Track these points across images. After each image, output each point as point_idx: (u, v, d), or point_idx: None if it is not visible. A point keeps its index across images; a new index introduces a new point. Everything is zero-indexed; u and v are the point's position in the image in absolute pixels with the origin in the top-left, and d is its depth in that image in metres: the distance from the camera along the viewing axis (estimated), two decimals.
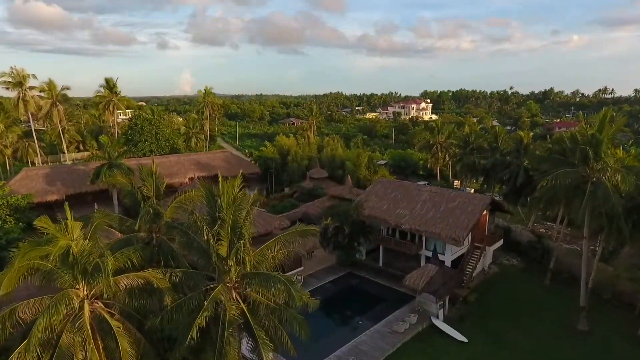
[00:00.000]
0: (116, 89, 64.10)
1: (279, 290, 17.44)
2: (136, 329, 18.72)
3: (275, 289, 16.82)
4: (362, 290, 36.69)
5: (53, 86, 63.01)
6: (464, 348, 28.34)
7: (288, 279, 16.62)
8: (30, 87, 59.68)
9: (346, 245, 38.40)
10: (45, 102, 61.93)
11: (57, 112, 63.71)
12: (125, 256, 18.93)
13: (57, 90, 63.54)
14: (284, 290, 16.92)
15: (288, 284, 16.30)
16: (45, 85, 62.49)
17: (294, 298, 15.96)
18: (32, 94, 60.96)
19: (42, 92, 62.92)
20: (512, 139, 50.62)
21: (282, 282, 16.50)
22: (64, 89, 64.79)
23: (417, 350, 27.99)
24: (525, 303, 34.61)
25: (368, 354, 26.75)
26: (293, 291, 16.06)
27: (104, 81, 64.47)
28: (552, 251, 41.00)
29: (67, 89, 64.91)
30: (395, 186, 41.70)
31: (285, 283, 16.37)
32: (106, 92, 63.76)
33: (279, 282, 16.57)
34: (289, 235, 19.21)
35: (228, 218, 17.23)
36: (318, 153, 69.51)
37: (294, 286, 16.34)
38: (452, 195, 37.89)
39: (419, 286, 31.43)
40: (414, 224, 36.01)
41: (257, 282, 17.20)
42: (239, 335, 18.39)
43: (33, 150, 69.34)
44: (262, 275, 17.37)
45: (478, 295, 34.97)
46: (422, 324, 30.52)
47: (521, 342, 29.11)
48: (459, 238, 33.25)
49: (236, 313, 17.39)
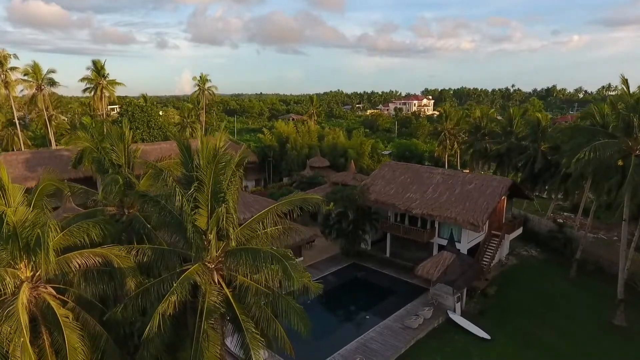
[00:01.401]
0: (104, 71, 60.28)
1: (272, 270, 13.84)
2: (97, 322, 15.14)
3: (267, 268, 13.17)
4: (368, 282, 33.01)
5: (38, 69, 59.09)
6: (487, 347, 24.67)
7: (283, 254, 12.95)
8: (11, 69, 55.89)
9: (350, 232, 34.73)
10: (28, 85, 58.15)
11: (42, 97, 59.90)
12: (82, 230, 15.28)
13: (42, 73, 59.75)
14: (278, 270, 13.28)
15: (284, 260, 12.62)
16: (30, 68, 58.68)
17: (291, 278, 12.30)
18: (15, 77, 57.20)
19: (26, 75, 59.12)
20: (528, 122, 46.92)
21: (275, 258, 12.84)
22: (49, 72, 60.99)
23: (433, 349, 24.32)
24: (551, 297, 30.94)
25: (378, 352, 23.09)
26: (290, 269, 12.38)
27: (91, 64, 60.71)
28: (575, 241, 37.43)
29: (53, 72, 61.05)
30: (404, 169, 38.03)
31: (281, 259, 12.71)
32: (94, 75, 59.93)
33: (272, 258, 12.91)
34: (285, 204, 15.56)
35: (208, 179, 13.59)
36: (319, 142, 65.84)
37: (291, 262, 12.66)
38: (468, 178, 34.23)
39: (433, 276, 27.76)
40: (426, 209, 32.34)
41: (244, 259, 13.54)
42: (221, 327, 14.75)
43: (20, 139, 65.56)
44: (250, 250, 13.71)
45: (498, 288, 31.30)
46: (437, 319, 26.85)
47: (553, 341, 25.41)
48: (477, 223, 29.58)
49: (217, 299, 13.75)
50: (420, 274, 28.43)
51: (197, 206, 13.76)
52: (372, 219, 35.74)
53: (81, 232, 15.19)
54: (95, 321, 15.04)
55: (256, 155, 62.09)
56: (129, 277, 14.08)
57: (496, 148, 46.87)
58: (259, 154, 62.68)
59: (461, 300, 28.55)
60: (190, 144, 14.30)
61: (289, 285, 12.75)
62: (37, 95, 60.30)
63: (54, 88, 63.31)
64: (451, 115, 59.60)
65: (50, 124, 67.14)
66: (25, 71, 58.99)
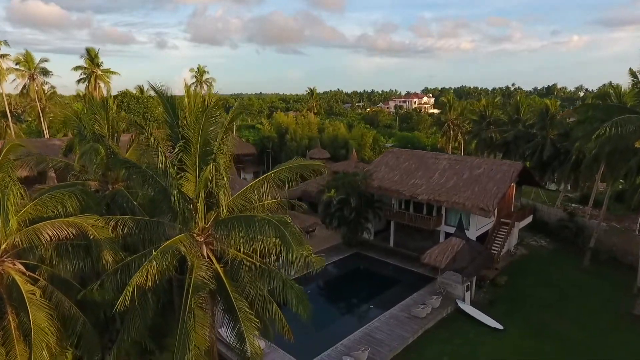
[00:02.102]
0: (98, 59, 58.54)
1: (269, 242, 12.24)
2: (74, 303, 13.53)
3: (263, 238, 11.53)
4: (371, 272, 31.41)
5: (30, 57, 57.42)
6: (500, 337, 23.04)
7: (282, 221, 11.30)
8: (2, 56, 54.17)
9: (352, 221, 33.06)
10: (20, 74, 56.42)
11: (34, 87, 58.20)
12: (56, 201, 13.68)
13: (34, 62, 58.06)
14: (275, 240, 11.64)
15: (282, 227, 10.97)
16: (21, 56, 56.98)
17: (290, 247, 10.62)
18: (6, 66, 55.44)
19: (18, 64, 57.41)
20: (536, 110, 45.28)
21: (272, 226, 11.17)
22: (42, 61, 59.30)
23: (442, 340, 22.68)
24: (564, 287, 29.30)
25: (384, 342, 21.45)
26: (290, 238, 10.72)
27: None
28: (587, 230, 35.83)
29: (46, 61, 59.34)
30: (409, 155, 36.40)
31: (278, 226, 11.04)
32: (87, 63, 58.21)
33: (269, 226, 11.24)
34: (283, 171, 13.92)
35: (195, 138, 11.95)
36: (319, 134, 64.22)
37: (290, 230, 11.00)
38: (477, 162, 32.59)
39: (441, 263, 26.12)
40: (433, 195, 30.69)
41: (237, 228, 11.88)
42: (212, 308, 13.11)
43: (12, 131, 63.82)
44: (243, 218, 12.05)
45: (508, 278, 29.69)
46: (446, 309, 25.22)
47: (569, 331, 23.77)
48: (488, 208, 27.94)
49: (206, 275, 12.11)
50: (427, 261, 26.79)
51: (183, 169, 12.13)
52: (375, 206, 34.10)
53: (54, 202, 13.61)
54: (70, 302, 13.44)
55: (254, 147, 60.51)
56: (106, 250, 12.41)
57: (503, 136, 45.23)
58: (257, 145, 61.06)
59: (470, 289, 26.92)
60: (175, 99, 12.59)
61: (288, 255, 11.08)
62: (30, 85, 58.63)
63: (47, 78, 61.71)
64: (455, 105, 57.95)
65: (43, 115, 65.41)
66: (17, 59, 57.31)
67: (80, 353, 13.92)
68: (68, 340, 13.64)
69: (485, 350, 21.88)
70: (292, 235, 10.81)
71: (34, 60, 58.77)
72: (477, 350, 21.87)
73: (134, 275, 10.51)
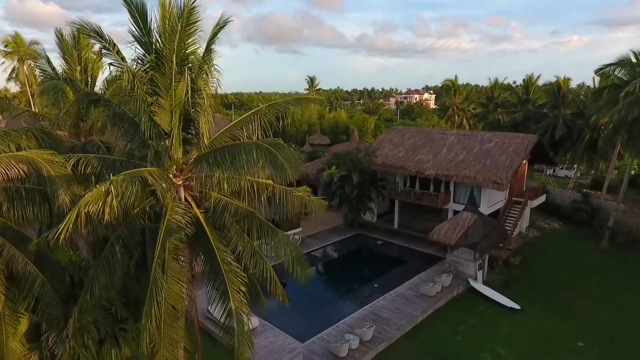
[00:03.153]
0: None
1: (260, 180, 10.18)
2: (31, 260, 11.48)
3: (252, 172, 9.45)
4: (375, 252, 29.38)
5: (20, 39, 55.23)
6: (517, 318, 20.98)
7: (272, 143, 9.22)
8: None
9: (355, 199, 30.98)
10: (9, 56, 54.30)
11: (23, 70, 56.07)
12: (10, 139, 11.58)
13: (24, 44, 55.87)
14: (266, 175, 9.56)
15: (273, 149, 8.87)
16: (10, 38, 54.84)
17: (284, 169, 8.51)
18: None
19: (7, 46, 55.28)
20: (547, 89, 43.15)
21: (262, 151, 9.08)
22: (33, 44, 57.10)
23: (455, 320, 20.61)
24: (584, 268, 27.26)
25: (391, 321, 19.37)
26: (283, 162, 8.62)
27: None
28: (603, 211, 33.78)
29: (36, 43, 57.15)
30: (414, 132, 34.32)
31: (269, 149, 8.95)
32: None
33: (258, 151, 9.15)
34: (276, 106, 11.83)
35: (170, 52, 9.86)
36: (319, 120, 62.25)
37: (283, 151, 8.90)
38: (487, 136, 30.50)
39: (451, 239, 24.06)
40: (441, 169, 28.61)
41: (220, 162, 9.80)
42: (189, 262, 11.03)
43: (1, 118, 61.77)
44: (227, 149, 9.94)
45: (522, 259, 27.63)
46: (457, 288, 23.16)
47: (592, 311, 21.75)
48: (501, 181, 25.87)
49: (182, 219, 10.03)
50: (436, 238, 24.73)
51: (156, 93, 10.05)
52: (378, 185, 32.02)
53: (6, 141, 11.50)
54: (26, 259, 11.38)
55: None
56: (63, 189, 10.30)
57: (512, 117, 43.12)
58: None
59: (483, 268, 24.85)
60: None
61: (281, 175, 8.98)
62: (19, 68, 56.49)
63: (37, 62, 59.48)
64: (460, 89, 55.82)
65: (34, 101, 63.24)
66: (5, 41, 55.17)
67: (37, 318, 11.86)
68: (23, 302, 11.58)
69: (502, 331, 19.82)
70: (286, 160, 8.72)
71: (25, 42, 56.56)
72: (493, 330, 19.81)
73: (84, 198, 8.39)
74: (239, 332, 9.66)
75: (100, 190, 8.41)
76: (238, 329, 9.69)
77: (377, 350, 17.51)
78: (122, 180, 8.83)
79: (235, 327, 9.76)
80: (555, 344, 18.98)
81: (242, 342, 9.68)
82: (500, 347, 18.46)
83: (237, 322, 9.67)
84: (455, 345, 18.57)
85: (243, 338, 9.68)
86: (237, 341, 9.63)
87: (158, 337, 9.60)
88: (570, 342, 19.08)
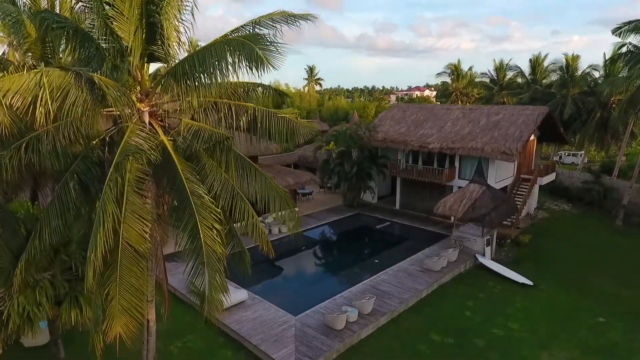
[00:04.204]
0: None
1: (239, 106, 8.53)
2: None
3: (223, 74, 7.77)
4: (375, 230, 27.67)
5: None
6: (531, 293, 19.30)
7: (251, 36, 7.54)
8: None
9: (354, 176, 29.29)
10: None
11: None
12: None
13: None
14: None
15: (250, 41, 7.19)
16: None
17: (261, 61, 6.83)
18: None
19: None
20: (554, 69, 41.39)
21: (235, 47, 7.40)
22: None
23: (463, 294, 18.93)
24: (598, 247, 25.58)
25: (393, 295, 17.70)
26: (260, 53, 6.94)
27: None
28: (616, 190, 32.11)
29: None
30: (416, 109, 32.65)
31: (243, 43, 7.26)
32: None
33: (232, 48, 7.47)
34: (265, 19, 10.11)
35: None
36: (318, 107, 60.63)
37: (261, 42, 7.22)
38: (495, 109, 28.81)
39: (457, 212, 22.40)
40: (445, 142, 26.92)
41: (188, 72, 8.11)
42: (155, 199, 9.38)
43: None
44: (196, 55, 8.23)
45: (532, 237, 25.92)
46: (464, 264, 21.48)
47: (611, 287, 20.06)
48: (510, 151, 24.19)
49: (145, 143, 8.36)
50: (441, 211, 23.06)
51: None
52: (379, 163, 30.34)
53: None
54: None
55: None
56: None
57: (518, 98, 41.39)
58: None
59: (491, 245, 23.18)
60: None
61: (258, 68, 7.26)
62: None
63: None
64: (463, 73, 54.07)
65: None
66: None
67: None
68: None
69: (515, 306, 18.12)
70: (265, 51, 7.03)
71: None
72: (505, 306, 18.11)
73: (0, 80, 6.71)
74: (210, 277, 8.00)
75: (29, 79, 6.74)
76: (209, 274, 8.03)
77: (378, 324, 15.84)
78: (61, 77, 7.16)
79: (206, 273, 8.09)
80: (573, 319, 17.29)
81: (214, 290, 8.03)
82: (514, 323, 16.78)
83: (207, 266, 8.00)
84: (465, 320, 16.89)
85: (215, 283, 8.02)
86: (208, 288, 7.98)
87: (113, 281, 7.97)
88: (590, 318, 17.38)
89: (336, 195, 33.54)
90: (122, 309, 7.96)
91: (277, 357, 13.40)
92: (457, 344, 15.29)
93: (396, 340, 15.28)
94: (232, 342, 14.91)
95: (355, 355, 14.33)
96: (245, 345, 14.48)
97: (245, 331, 14.81)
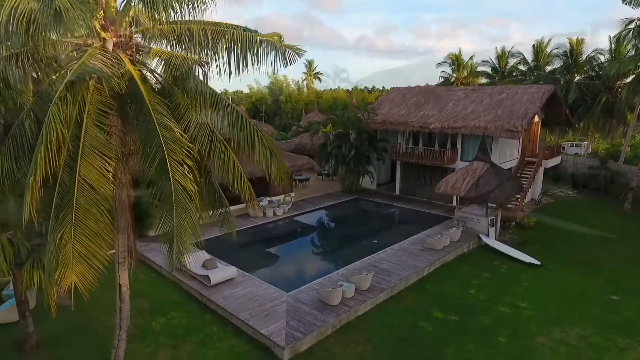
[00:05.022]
0: None
1: (216, 30, 7.47)
2: None
3: None
4: (374, 212, 26.63)
5: None
6: (539, 273, 18.22)
7: None
8: None
9: (352, 159, 28.22)
10: None
11: None
12: None
13: None
14: None
15: None
16: None
17: None
18: None
19: None
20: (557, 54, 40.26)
21: None
22: None
23: (466, 273, 17.85)
24: (607, 229, 24.42)
25: (392, 272, 16.62)
26: None
27: None
28: (623, 176, 31.04)
29: None
30: (416, 92, 31.61)
31: None
32: None
33: None
34: None
35: None
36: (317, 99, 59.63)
37: None
38: (498, 89, 27.80)
39: (460, 191, 21.33)
40: (447, 122, 25.89)
41: None
42: (121, 137, 8.32)
43: None
44: None
45: (538, 220, 24.86)
46: (467, 243, 20.40)
47: (624, 268, 18.98)
48: (515, 128, 23.13)
49: (107, 69, 7.31)
50: (443, 190, 21.99)
51: None
52: (378, 146, 29.26)
53: None
54: None
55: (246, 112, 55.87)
56: None
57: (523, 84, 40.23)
58: (249, 109, 56.39)
59: (496, 225, 22.10)
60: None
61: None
62: None
63: None
64: (464, 63, 52.98)
65: None
66: None
67: None
68: None
69: (522, 285, 17.03)
70: None
71: None
72: (512, 284, 17.03)
73: None
74: (179, 217, 6.94)
75: None
76: (178, 213, 6.97)
77: (377, 300, 14.76)
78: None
79: (174, 213, 7.03)
80: (584, 298, 16.21)
81: (183, 231, 6.98)
82: (522, 301, 15.68)
83: (176, 203, 6.94)
84: (469, 298, 15.80)
85: (184, 224, 6.96)
86: (177, 229, 6.92)
87: (68, 223, 6.91)
88: (602, 296, 16.30)
89: (334, 182, 32.52)
90: (78, 255, 6.90)
91: (267, 332, 12.33)
92: (462, 321, 14.20)
93: (396, 317, 14.20)
94: (219, 318, 13.84)
95: (351, 331, 13.25)
96: (233, 322, 13.41)
97: (232, 307, 13.74)
